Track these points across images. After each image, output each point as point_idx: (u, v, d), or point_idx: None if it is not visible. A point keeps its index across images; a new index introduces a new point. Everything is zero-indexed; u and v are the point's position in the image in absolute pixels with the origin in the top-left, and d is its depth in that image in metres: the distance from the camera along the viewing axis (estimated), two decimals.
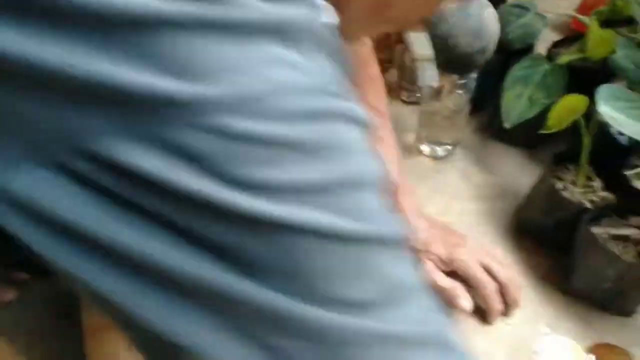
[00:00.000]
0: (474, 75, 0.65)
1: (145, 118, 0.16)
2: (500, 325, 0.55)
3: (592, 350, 0.52)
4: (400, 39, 0.85)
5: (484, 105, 0.77)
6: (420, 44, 0.59)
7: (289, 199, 0.17)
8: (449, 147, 0.74)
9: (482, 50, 0.60)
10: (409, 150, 0.77)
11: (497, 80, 0.65)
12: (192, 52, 0.16)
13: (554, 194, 0.57)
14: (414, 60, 0.60)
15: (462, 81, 0.65)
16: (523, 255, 0.62)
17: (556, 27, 0.88)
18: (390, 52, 0.89)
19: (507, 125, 0.61)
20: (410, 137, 0.78)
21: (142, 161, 0.16)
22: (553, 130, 0.55)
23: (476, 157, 0.75)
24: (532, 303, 0.57)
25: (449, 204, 0.70)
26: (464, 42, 0.58)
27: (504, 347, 0.54)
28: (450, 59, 0.61)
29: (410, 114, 0.82)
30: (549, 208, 0.59)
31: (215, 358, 0.18)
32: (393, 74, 0.89)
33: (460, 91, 0.66)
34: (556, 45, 0.70)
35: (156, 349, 0.20)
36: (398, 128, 0.79)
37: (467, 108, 0.70)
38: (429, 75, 0.60)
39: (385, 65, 0.89)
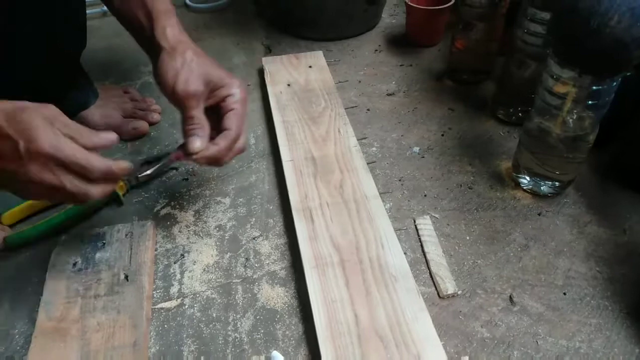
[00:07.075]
0: (615, 83, 0.46)
1: None
2: None
3: None
4: (503, 51, 0.69)
5: (614, 133, 0.57)
6: None
7: None
8: (557, 184, 0.55)
9: None
10: (501, 182, 0.58)
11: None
12: None
13: None
14: None
15: (597, 88, 0.46)
16: None
17: None
18: (489, 62, 0.72)
19: None
20: (505, 165, 0.59)
21: None
22: None
23: (594, 204, 0.55)
24: None
25: (551, 259, 0.50)
26: (621, 23, 0.40)
27: None
28: (589, 51, 0.43)
29: (507, 136, 0.64)
30: None
31: None
32: (489, 87, 0.72)
33: (590, 102, 0.47)
34: None
35: None
36: (489, 151, 0.61)
37: (594, 132, 0.50)
38: None
39: (480, 77, 0.73)
